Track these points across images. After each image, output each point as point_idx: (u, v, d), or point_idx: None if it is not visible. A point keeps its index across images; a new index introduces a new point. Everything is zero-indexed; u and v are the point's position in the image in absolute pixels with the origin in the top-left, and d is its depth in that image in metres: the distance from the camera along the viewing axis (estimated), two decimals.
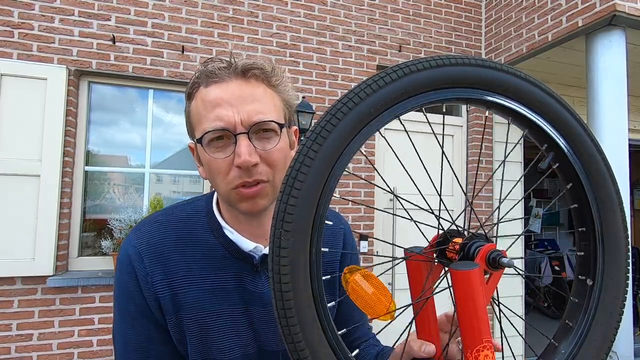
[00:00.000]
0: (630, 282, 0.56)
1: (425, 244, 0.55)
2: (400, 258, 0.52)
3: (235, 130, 0.61)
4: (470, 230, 0.50)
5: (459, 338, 0.50)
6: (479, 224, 0.51)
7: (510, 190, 0.56)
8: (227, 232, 0.69)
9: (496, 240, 0.50)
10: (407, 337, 0.56)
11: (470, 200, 0.46)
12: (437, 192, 0.50)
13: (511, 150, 0.61)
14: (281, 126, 0.65)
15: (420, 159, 0.51)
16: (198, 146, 0.65)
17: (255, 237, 0.70)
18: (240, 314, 0.69)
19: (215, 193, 0.75)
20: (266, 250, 0.69)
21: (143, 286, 0.65)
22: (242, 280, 0.69)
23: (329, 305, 0.40)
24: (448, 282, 0.47)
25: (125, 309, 0.67)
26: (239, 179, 0.62)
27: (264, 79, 0.65)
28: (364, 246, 3.09)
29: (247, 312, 0.69)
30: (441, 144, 0.46)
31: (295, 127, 0.74)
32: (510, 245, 0.53)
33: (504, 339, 0.51)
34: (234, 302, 0.68)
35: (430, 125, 0.53)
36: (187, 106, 0.67)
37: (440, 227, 0.52)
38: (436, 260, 0.53)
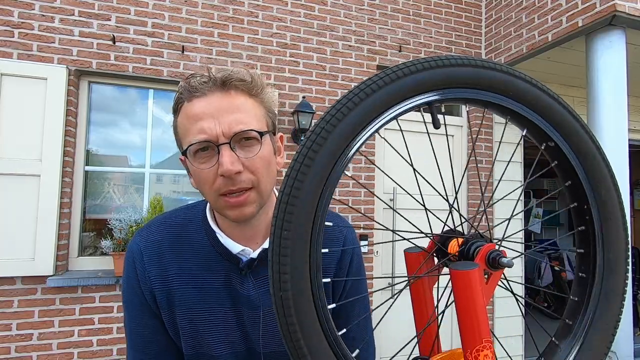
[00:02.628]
0: (630, 282, 0.56)
1: (423, 244, 0.55)
2: (404, 279, 0.52)
3: (217, 141, 0.64)
4: (466, 229, 0.50)
5: None
6: (489, 226, 0.51)
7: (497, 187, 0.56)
8: (218, 235, 0.74)
9: (491, 237, 0.50)
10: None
11: (485, 203, 0.46)
12: (441, 192, 0.50)
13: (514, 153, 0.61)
14: (261, 134, 0.67)
15: (406, 163, 0.51)
16: (186, 158, 0.68)
17: (246, 240, 0.73)
18: (230, 314, 0.73)
19: None
20: (254, 254, 0.73)
21: (142, 281, 0.72)
22: (231, 281, 0.73)
23: (329, 307, 0.41)
24: (438, 281, 0.47)
25: (130, 301, 0.74)
26: (224, 188, 0.65)
27: (243, 89, 0.67)
28: (363, 244, 3.09)
29: (236, 313, 0.73)
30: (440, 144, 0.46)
31: (280, 134, 0.77)
32: (503, 238, 0.53)
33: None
34: (222, 302, 0.72)
35: (438, 126, 0.52)
36: (174, 121, 0.71)
37: (447, 226, 0.52)
38: (435, 258, 0.53)
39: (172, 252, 0.73)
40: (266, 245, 0.72)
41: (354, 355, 0.42)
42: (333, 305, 0.43)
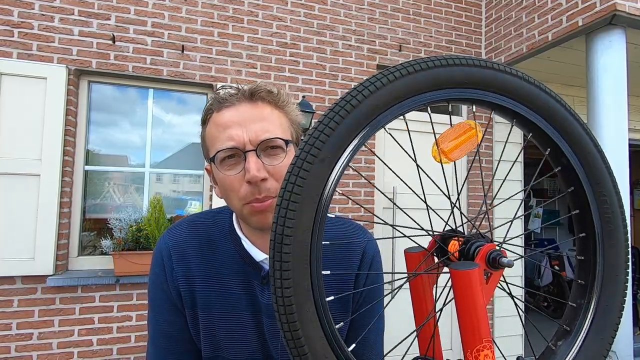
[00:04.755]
0: (630, 282, 0.56)
1: (424, 243, 0.55)
2: (405, 277, 0.52)
3: (244, 148, 0.66)
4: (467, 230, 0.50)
5: None
6: (490, 226, 0.50)
7: (500, 187, 0.56)
8: (243, 242, 0.75)
9: (492, 235, 0.50)
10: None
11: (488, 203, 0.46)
12: (443, 191, 0.50)
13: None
14: (287, 142, 0.69)
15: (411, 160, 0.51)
16: (212, 166, 0.70)
17: (267, 249, 0.72)
18: (249, 321, 0.73)
19: None
20: None
21: (169, 279, 0.74)
22: (253, 289, 0.74)
23: (337, 326, 0.41)
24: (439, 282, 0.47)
25: (156, 297, 0.76)
26: (250, 195, 0.66)
27: (270, 100, 0.70)
28: None
29: (256, 320, 0.74)
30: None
31: None
32: (505, 241, 0.53)
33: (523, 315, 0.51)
34: (243, 308, 0.73)
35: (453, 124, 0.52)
36: (202, 131, 0.73)
37: (441, 227, 0.52)
38: (435, 258, 0.53)
39: (198, 254, 0.74)
40: None
41: (350, 349, 0.42)
42: (341, 324, 0.43)
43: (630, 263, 0.53)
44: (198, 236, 0.76)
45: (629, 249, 0.53)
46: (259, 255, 0.73)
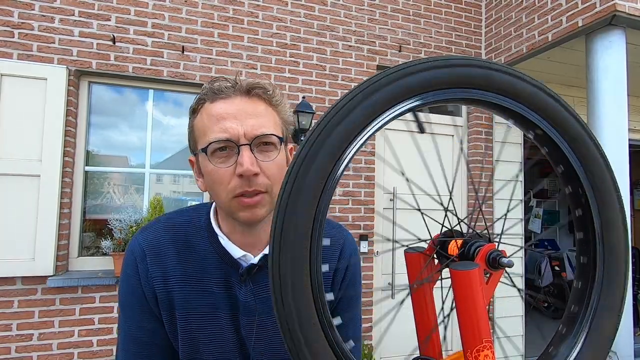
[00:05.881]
0: (630, 282, 0.56)
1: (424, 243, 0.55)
2: (410, 285, 0.52)
3: (238, 141, 0.65)
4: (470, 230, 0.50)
5: None
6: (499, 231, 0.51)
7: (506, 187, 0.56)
8: (220, 239, 0.73)
9: (499, 242, 0.50)
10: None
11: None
12: (444, 191, 0.50)
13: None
14: (281, 140, 0.69)
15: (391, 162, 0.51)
16: (201, 157, 0.69)
17: (247, 246, 0.73)
18: (228, 320, 0.72)
19: (214, 203, 0.77)
20: (254, 260, 0.73)
21: (143, 282, 0.70)
22: (231, 287, 0.72)
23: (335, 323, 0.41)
24: (441, 282, 0.47)
25: (128, 301, 0.72)
26: (239, 188, 0.65)
27: (265, 98, 0.70)
28: (364, 246, 3.09)
29: (234, 319, 0.72)
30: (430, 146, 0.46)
31: (291, 145, 0.78)
32: (515, 251, 0.53)
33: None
34: (221, 307, 0.72)
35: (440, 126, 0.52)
36: (190, 120, 0.72)
37: (444, 226, 0.52)
38: (436, 260, 0.53)
39: (174, 253, 0.72)
40: (267, 251, 0.70)
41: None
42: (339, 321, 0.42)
43: (630, 263, 0.53)
44: (173, 235, 0.73)
45: (622, 312, 0.52)
46: (237, 252, 0.72)
